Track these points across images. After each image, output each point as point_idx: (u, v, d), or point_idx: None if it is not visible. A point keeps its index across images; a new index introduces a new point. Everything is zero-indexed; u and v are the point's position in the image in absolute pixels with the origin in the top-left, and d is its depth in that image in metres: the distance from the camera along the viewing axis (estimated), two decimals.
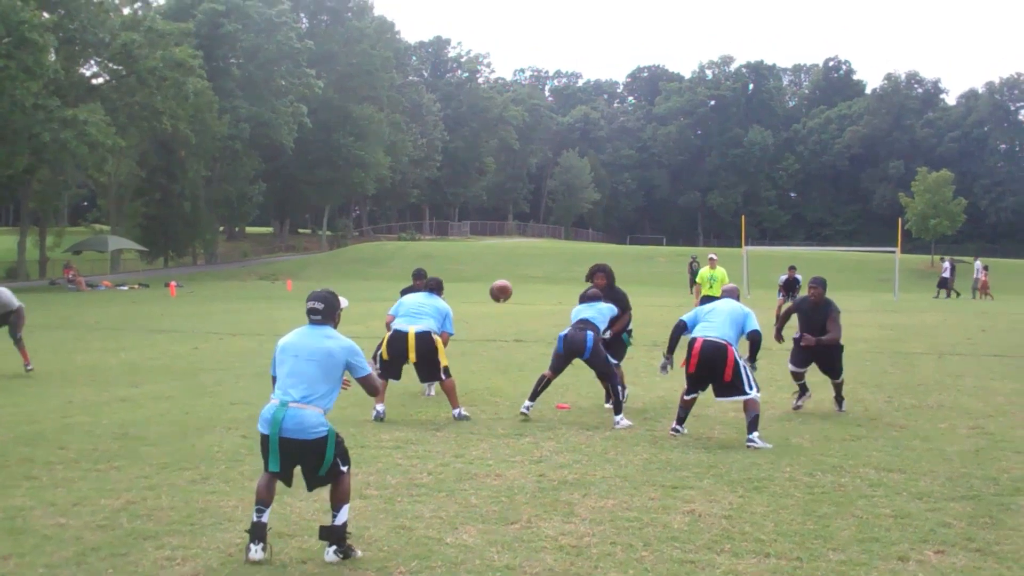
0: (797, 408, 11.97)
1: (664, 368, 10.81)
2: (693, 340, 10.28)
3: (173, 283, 45.55)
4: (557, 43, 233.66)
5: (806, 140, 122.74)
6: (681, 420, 10.42)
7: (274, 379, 6.44)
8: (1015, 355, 18.90)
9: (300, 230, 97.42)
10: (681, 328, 10.67)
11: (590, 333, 11.02)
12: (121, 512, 7.05)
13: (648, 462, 8.98)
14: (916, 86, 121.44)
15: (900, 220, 54.14)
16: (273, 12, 70.23)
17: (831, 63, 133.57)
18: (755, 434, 9.73)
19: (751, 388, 9.95)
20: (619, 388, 10.97)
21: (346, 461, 6.43)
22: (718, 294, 22.38)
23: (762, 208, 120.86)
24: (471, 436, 10.21)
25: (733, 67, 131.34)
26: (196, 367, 15.94)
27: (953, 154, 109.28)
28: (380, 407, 11.17)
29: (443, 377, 11.44)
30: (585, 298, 11.61)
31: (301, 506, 7.34)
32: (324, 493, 6.67)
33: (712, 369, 10.05)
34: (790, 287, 27.57)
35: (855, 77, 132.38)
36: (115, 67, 55.80)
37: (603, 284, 11.77)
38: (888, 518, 7.09)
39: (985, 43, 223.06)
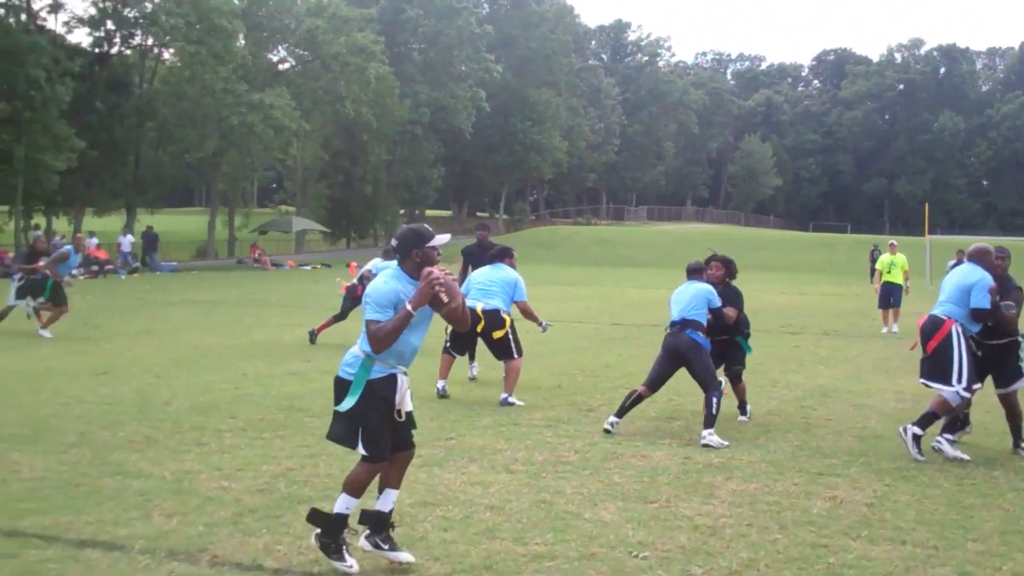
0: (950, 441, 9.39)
1: None
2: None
3: (353, 264, 46.42)
4: (740, 26, 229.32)
5: (999, 126, 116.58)
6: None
7: None
8: None
9: (478, 213, 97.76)
10: None
11: (695, 334, 9.36)
12: (280, 478, 7.39)
13: (798, 448, 8.87)
14: None
15: None
16: None
17: None
18: (946, 436, 8.54)
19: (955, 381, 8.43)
20: (716, 401, 9.06)
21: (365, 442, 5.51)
22: (898, 280, 21.63)
23: (951, 196, 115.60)
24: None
25: (923, 50, 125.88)
26: None
27: None
28: (441, 383, 11.24)
29: (514, 356, 11.14)
30: (690, 272, 9.78)
31: (449, 477, 7.59)
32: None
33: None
34: None
35: None
36: (300, 52, 57.85)
37: (719, 276, 10.01)
38: None
39: None
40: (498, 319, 11.10)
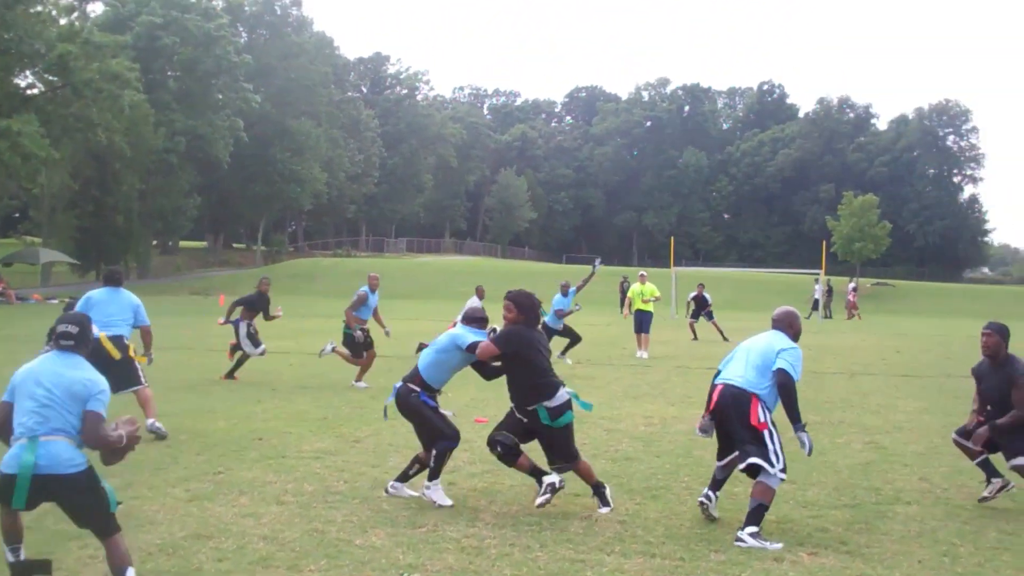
0: (985, 500, 8.64)
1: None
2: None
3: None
4: (496, 62, 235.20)
5: (739, 162, 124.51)
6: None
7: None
8: (924, 375, 19.70)
9: (235, 244, 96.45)
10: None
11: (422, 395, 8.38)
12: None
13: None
14: (848, 111, 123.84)
15: (824, 243, 55.28)
16: (212, 26, 69.63)
17: (765, 87, 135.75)
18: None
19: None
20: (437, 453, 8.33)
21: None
22: (648, 308, 23.46)
23: (696, 229, 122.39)
24: (389, 447, 10.62)
25: (669, 89, 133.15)
26: None
27: (883, 178, 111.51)
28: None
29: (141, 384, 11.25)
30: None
31: (220, 510, 7.81)
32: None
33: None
34: (700, 305, 29.30)
35: (788, 101, 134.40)
36: (51, 78, 55.33)
37: (510, 319, 8.14)
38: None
39: (915, 69, 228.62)
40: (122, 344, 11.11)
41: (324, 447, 10.63)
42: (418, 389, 8.31)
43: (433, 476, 8.18)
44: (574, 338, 21.39)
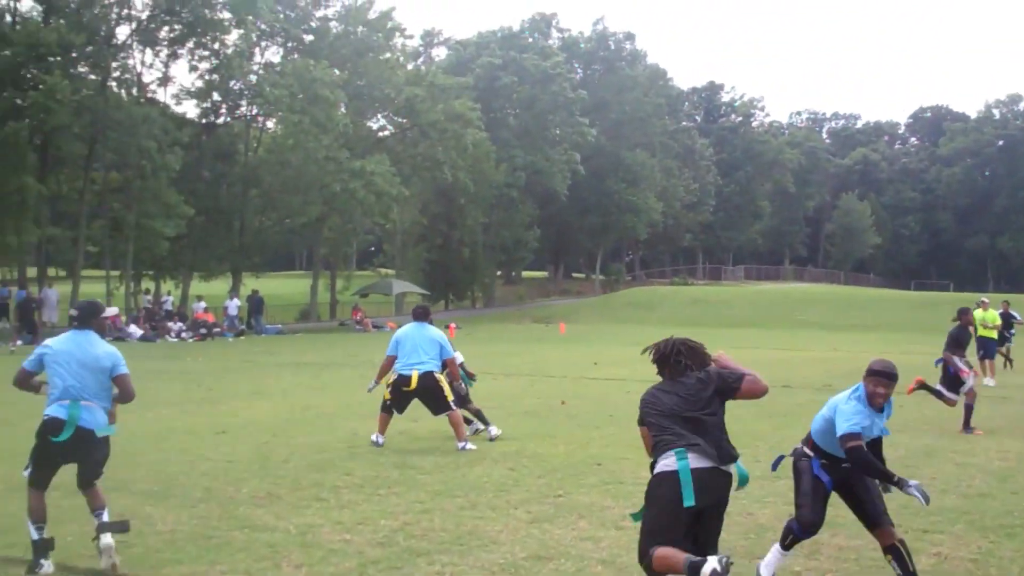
0: None
1: None
2: None
3: (452, 325, 46.38)
4: (834, 85, 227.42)
5: None
6: None
7: None
8: None
9: (574, 274, 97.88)
10: None
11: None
12: (398, 531, 7.78)
13: (902, 507, 8.47)
14: None
15: None
16: (548, 64, 71.76)
17: None
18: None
19: None
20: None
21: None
22: (991, 335, 21.78)
23: None
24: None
25: (1022, 106, 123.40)
26: None
27: None
28: (379, 437, 12.15)
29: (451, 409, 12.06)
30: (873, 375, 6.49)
31: (560, 533, 7.81)
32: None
33: None
34: (1005, 323, 26.33)
35: None
36: (399, 120, 58.90)
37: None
38: None
39: None
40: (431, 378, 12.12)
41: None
42: (811, 455, 6.75)
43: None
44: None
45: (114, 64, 45.30)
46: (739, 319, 55.60)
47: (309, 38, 56.34)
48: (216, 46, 48.59)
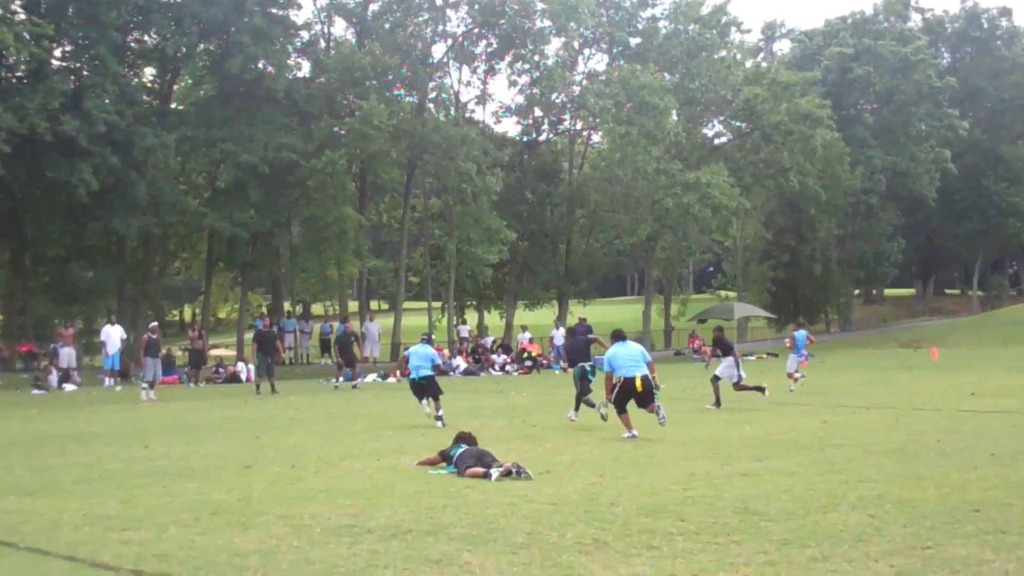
0: None
1: None
2: None
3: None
4: None
5: None
6: None
7: None
8: None
9: (947, 290, 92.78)
10: None
11: None
12: None
13: None
14: None
15: None
16: (908, 50, 66.91)
17: None
18: None
19: None
20: None
21: None
22: None
23: None
24: None
25: None
26: (824, 441, 15.44)
27: None
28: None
29: None
30: None
31: None
32: None
33: None
34: None
35: None
36: (738, 124, 56.99)
37: None
38: None
39: None
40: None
41: None
42: None
43: None
44: None
45: (430, 85, 46.48)
46: None
47: (636, 41, 54.81)
48: (536, 58, 48.49)
